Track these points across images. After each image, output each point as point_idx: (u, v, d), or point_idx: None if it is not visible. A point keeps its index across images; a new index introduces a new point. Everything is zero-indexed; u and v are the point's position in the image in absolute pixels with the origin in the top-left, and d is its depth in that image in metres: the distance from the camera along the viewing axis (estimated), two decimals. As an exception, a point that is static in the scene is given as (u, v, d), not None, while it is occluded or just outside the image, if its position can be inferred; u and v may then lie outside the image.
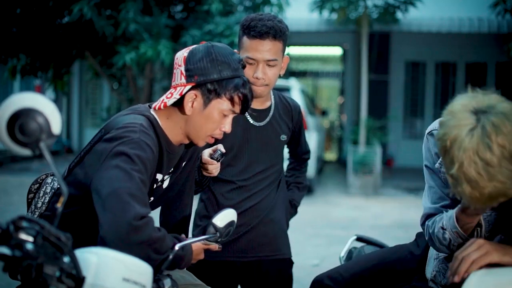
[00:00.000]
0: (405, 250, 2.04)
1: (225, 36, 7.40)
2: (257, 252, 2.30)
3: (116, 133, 1.53)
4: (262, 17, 2.14)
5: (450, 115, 1.42)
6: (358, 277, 2.01)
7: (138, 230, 1.38)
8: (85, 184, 1.54)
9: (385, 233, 6.22)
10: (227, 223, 1.65)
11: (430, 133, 1.79)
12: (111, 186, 1.42)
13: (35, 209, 1.71)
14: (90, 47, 8.45)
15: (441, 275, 1.79)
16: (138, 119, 1.61)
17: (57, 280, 1.14)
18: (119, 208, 1.38)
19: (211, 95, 1.63)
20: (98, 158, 1.52)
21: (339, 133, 15.37)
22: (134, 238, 1.37)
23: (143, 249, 1.40)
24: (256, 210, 2.28)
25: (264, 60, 2.12)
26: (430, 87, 12.98)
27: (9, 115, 1.17)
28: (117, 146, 1.50)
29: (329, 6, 9.43)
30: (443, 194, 1.75)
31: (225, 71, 1.63)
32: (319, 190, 9.64)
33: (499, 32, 10.85)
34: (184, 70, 1.63)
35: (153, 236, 1.42)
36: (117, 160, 1.47)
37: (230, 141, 2.20)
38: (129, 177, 1.44)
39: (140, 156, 1.49)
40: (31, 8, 7.91)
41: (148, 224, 1.41)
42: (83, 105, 14.69)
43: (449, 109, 1.44)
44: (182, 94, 1.63)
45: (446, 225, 1.66)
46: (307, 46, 14.85)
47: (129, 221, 1.37)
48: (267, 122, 2.30)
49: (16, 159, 11.94)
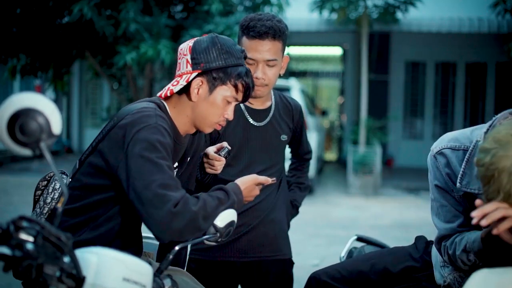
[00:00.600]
0: (403, 252, 2.05)
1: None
2: (257, 252, 2.29)
3: (132, 118, 1.58)
4: (261, 17, 2.13)
5: (497, 144, 1.38)
6: (356, 274, 2.01)
7: (179, 214, 1.45)
8: (107, 171, 1.58)
9: (385, 233, 6.22)
10: (227, 223, 1.65)
11: (439, 153, 1.77)
12: (143, 179, 1.48)
13: (44, 205, 1.73)
14: (90, 47, 8.45)
15: (456, 284, 1.79)
16: (151, 105, 1.67)
17: (57, 280, 1.14)
18: (156, 202, 1.45)
19: (216, 82, 1.69)
20: (119, 145, 1.55)
21: (339, 133, 15.37)
22: (179, 223, 1.45)
23: (192, 225, 1.48)
24: (256, 210, 2.28)
25: (264, 60, 2.12)
26: (430, 87, 12.98)
27: (10, 115, 1.17)
28: (137, 132, 1.54)
29: (329, 6, 9.43)
30: (457, 212, 1.75)
31: (230, 59, 1.69)
32: (319, 190, 9.64)
33: (499, 32, 10.85)
34: (190, 59, 1.69)
35: (194, 210, 1.49)
36: (140, 148, 1.52)
37: (230, 141, 2.20)
38: (157, 168, 1.50)
39: (162, 141, 1.55)
40: (31, 8, 7.91)
41: (186, 203, 1.48)
42: (83, 105, 14.69)
43: (495, 137, 1.40)
44: (189, 81, 1.68)
45: (470, 248, 1.66)
46: (307, 46, 14.85)
47: (169, 210, 1.44)
48: (267, 122, 2.29)
49: (16, 159, 11.94)
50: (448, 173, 1.75)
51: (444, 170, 1.75)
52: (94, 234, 1.62)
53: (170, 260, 1.47)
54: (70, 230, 1.59)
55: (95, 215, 1.63)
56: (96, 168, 1.61)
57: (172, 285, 1.44)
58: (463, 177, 1.67)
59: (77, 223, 1.63)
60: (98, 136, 1.66)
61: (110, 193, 1.62)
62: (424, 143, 12.39)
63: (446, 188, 1.76)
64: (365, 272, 2.01)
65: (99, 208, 1.63)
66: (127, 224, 1.67)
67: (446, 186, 1.76)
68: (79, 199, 1.63)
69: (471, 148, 1.68)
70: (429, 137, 12.84)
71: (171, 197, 1.46)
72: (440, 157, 1.77)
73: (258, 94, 2.18)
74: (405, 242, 2.18)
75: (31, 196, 1.80)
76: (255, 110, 2.28)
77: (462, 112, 12.96)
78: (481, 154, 1.42)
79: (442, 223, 1.79)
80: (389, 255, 2.07)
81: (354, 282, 2.00)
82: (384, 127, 11.36)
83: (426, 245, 2.04)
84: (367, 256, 2.13)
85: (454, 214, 1.76)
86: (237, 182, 1.72)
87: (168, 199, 1.45)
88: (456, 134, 1.78)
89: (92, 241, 1.58)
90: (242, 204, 1.70)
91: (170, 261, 1.47)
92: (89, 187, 1.63)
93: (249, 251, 2.28)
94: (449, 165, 1.74)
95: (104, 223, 1.63)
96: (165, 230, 1.45)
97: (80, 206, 1.63)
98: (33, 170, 10.76)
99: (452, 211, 1.76)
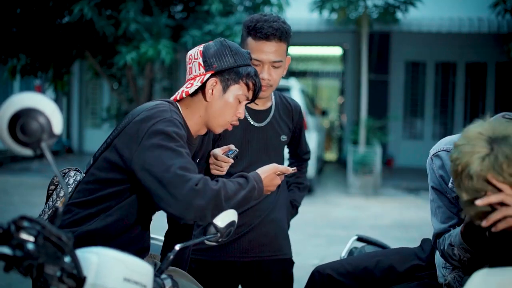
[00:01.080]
0: (410, 252, 2.06)
1: (225, 36, 7.40)
2: (258, 252, 2.29)
3: (147, 114, 1.63)
4: (267, 18, 2.13)
5: (465, 141, 1.44)
6: (360, 270, 2.02)
7: (201, 191, 1.51)
8: (121, 166, 1.62)
9: (385, 233, 6.22)
10: (227, 223, 1.64)
11: (436, 155, 1.82)
12: (162, 164, 1.53)
13: (57, 198, 1.77)
14: (90, 47, 8.45)
15: (456, 283, 1.81)
16: (165, 103, 1.73)
17: (58, 280, 1.14)
18: (177, 181, 1.50)
19: (229, 82, 1.76)
20: (134, 139, 1.60)
21: (339, 133, 15.37)
22: (201, 200, 1.51)
23: (214, 203, 1.54)
24: (257, 210, 2.28)
25: (270, 61, 2.12)
26: (430, 87, 12.98)
27: (11, 115, 1.16)
28: (153, 126, 1.59)
29: (329, 6, 9.43)
30: (451, 213, 1.79)
31: (240, 60, 1.77)
32: (319, 190, 9.64)
33: (499, 32, 10.85)
34: (202, 62, 1.76)
35: (215, 188, 1.55)
36: (157, 139, 1.56)
37: (231, 141, 2.20)
38: (176, 153, 1.55)
39: (178, 133, 1.60)
40: (31, 8, 7.91)
41: (206, 182, 1.54)
42: (83, 105, 14.68)
43: (465, 134, 1.46)
44: (203, 82, 1.74)
45: (454, 242, 1.70)
46: (307, 46, 14.84)
47: (191, 187, 1.49)
48: (267, 123, 2.29)
49: (16, 159, 11.94)
50: (441, 175, 1.80)
51: (438, 172, 1.81)
52: (104, 224, 1.66)
53: (171, 260, 1.47)
54: (81, 221, 1.65)
55: (107, 206, 1.68)
56: (111, 163, 1.65)
57: (172, 285, 1.44)
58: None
59: (89, 214, 1.68)
60: (112, 132, 1.70)
61: (123, 186, 1.66)
62: (424, 143, 12.40)
63: (440, 190, 1.81)
64: (370, 268, 2.02)
65: (112, 200, 1.68)
66: (137, 217, 1.71)
67: (440, 187, 1.81)
68: (93, 192, 1.68)
69: None
70: (429, 137, 12.84)
71: (191, 177, 1.52)
72: (436, 159, 1.82)
73: (263, 94, 2.18)
74: (405, 242, 2.19)
75: (31, 196, 1.81)
76: (256, 110, 2.28)
77: (462, 112, 12.96)
78: (453, 150, 1.47)
79: (438, 223, 1.83)
80: (395, 254, 2.09)
81: (358, 277, 2.01)
82: (384, 127, 11.35)
83: (432, 247, 2.06)
84: (372, 254, 2.15)
85: (448, 215, 1.80)
86: (257, 171, 1.75)
87: (188, 178, 1.51)
88: (454, 138, 1.83)
89: (101, 231, 1.64)
90: (262, 192, 1.73)
91: (171, 261, 1.47)
92: (103, 181, 1.67)
93: (250, 251, 2.28)
94: (444, 167, 1.79)
95: (115, 213, 1.67)
96: (189, 207, 1.50)
97: (93, 199, 1.68)
98: (33, 170, 10.76)
99: (447, 212, 1.81)
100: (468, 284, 1.37)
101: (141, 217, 1.73)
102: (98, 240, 1.59)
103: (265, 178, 1.74)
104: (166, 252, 1.88)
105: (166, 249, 1.92)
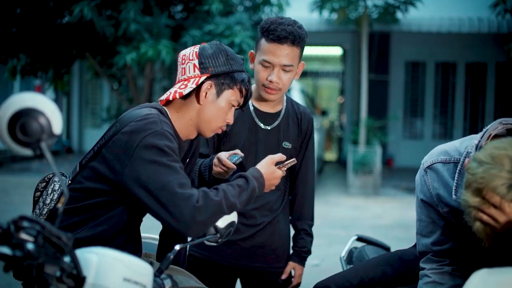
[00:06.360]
0: (411, 255, 2.02)
1: (225, 36, 7.40)
2: (250, 262, 2.28)
3: (137, 125, 1.58)
4: (282, 21, 2.11)
5: (492, 160, 1.38)
6: (367, 282, 1.98)
7: (203, 208, 1.50)
8: (110, 178, 1.58)
9: (385, 233, 6.22)
10: (227, 224, 1.65)
11: (430, 167, 1.73)
12: (158, 182, 1.50)
13: (43, 206, 1.73)
14: (90, 47, 8.45)
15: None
16: (153, 111, 1.68)
17: (58, 280, 1.14)
18: (177, 200, 1.49)
19: (224, 86, 1.74)
20: (124, 151, 1.55)
21: (339, 133, 15.36)
22: (204, 216, 1.50)
23: (217, 215, 1.54)
24: (260, 210, 2.26)
25: (281, 64, 2.10)
26: (430, 87, 12.98)
27: (10, 115, 1.17)
28: (143, 139, 1.55)
29: (329, 6, 9.44)
30: (435, 228, 1.74)
31: (235, 65, 1.76)
32: (319, 190, 9.65)
33: (499, 32, 10.86)
34: (198, 63, 1.73)
35: (217, 199, 1.54)
36: (148, 154, 1.53)
37: (236, 140, 2.18)
38: (171, 170, 1.53)
39: (170, 146, 1.57)
40: (31, 8, 7.91)
41: (207, 196, 1.53)
42: (83, 105, 14.68)
43: (493, 153, 1.39)
44: (198, 84, 1.71)
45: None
46: (307, 46, 14.75)
47: (193, 205, 1.48)
48: (275, 127, 2.25)
49: (16, 159, 11.94)
50: (435, 188, 1.71)
51: (432, 185, 1.72)
52: (93, 233, 1.62)
53: (171, 260, 1.47)
54: (69, 228, 1.61)
55: (95, 215, 1.63)
56: (99, 174, 1.61)
57: (172, 285, 1.44)
58: (457, 189, 1.63)
59: (76, 222, 1.64)
60: (100, 140, 1.65)
61: (111, 197, 1.62)
62: (424, 143, 12.40)
63: (431, 203, 1.73)
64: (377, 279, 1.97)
65: (99, 209, 1.63)
66: (127, 224, 1.67)
67: (431, 200, 1.73)
68: (79, 200, 1.64)
69: (462, 159, 1.64)
70: (429, 137, 12.84)
71: (191, 193, 1.50)
72: (431, 172, 1.73)
73: (271, 98, 2.15)
74: (405, 242, 2.18)
75: (31, 196, 1.80)
76: (264, 113, 2.24)
77: (462, 112, 12.96)
78: (474, 163, 1.41)
79: (419, 236, 1.79)
80: (398, 260, 2.03)
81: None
82: (384, 127, 11.36)
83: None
84: (375, 262, 2.07)
85: (431, 229, 1.75)
86: (256, 166, 1.75)
87: (188, 195, 1.49)
88: (445, 147, 1.74)
89: (90, 239, 1.59)
90: (264, 188, 1.72)
91: (171, 261, 1.47)
92: (90, 190, 1.63)
93: (248, 259, 2.27)
94: (440, 180, 1.70)
95: (103, 223, 1.63)
96: (192, 225, 1.49)
97: (80, 207, 1.64)
98: (33, 170, 10.76)
99: (429, 227, 1.75)
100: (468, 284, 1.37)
101: (130, 223, 1.69)
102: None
103: (265, 172, 1.73)
104: (162, 251, 1.89)
105: (162, 249, 1.90)
